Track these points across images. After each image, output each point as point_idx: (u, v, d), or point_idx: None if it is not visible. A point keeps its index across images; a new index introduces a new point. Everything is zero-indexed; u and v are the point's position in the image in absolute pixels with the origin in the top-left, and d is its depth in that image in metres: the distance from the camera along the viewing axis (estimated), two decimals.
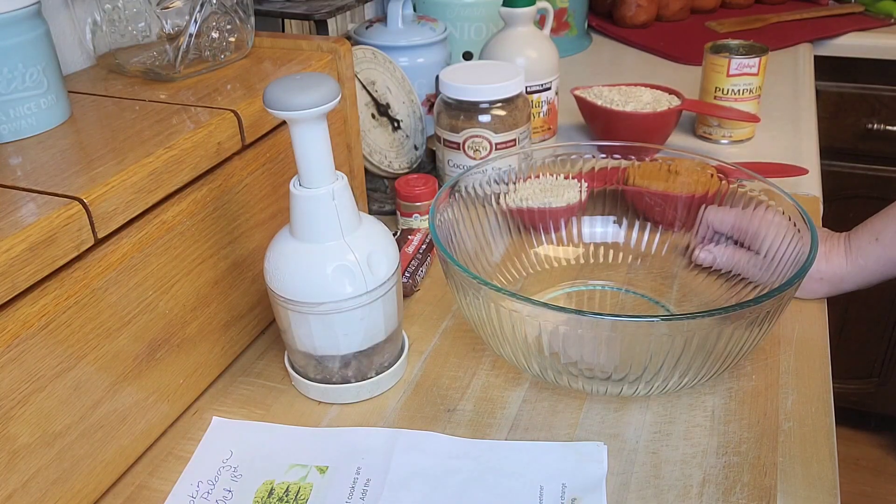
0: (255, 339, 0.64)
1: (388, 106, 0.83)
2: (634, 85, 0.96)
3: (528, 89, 0.91)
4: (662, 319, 0.48)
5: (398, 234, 0.74)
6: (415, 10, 1.00)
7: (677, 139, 0.97)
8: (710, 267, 0.65)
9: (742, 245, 0.63)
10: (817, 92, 1.15)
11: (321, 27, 0.84)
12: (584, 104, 0.94)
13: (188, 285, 0.54)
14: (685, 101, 0.91)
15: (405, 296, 0.68)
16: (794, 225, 0.57)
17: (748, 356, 0.59)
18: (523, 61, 0.89)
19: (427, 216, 0.72)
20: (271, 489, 0.50)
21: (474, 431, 0.54)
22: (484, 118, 0.76)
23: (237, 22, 0.66)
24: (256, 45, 0.70)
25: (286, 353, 0.59)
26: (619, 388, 0.53)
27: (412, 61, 0.91)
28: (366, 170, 0.79)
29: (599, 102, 0.92)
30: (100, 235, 0.46)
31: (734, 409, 0.55)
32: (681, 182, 0.67)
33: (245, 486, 0.51)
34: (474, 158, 0.77)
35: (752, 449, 0.52)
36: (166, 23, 0.63)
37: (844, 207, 1.38)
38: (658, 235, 0.69)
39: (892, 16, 1.34)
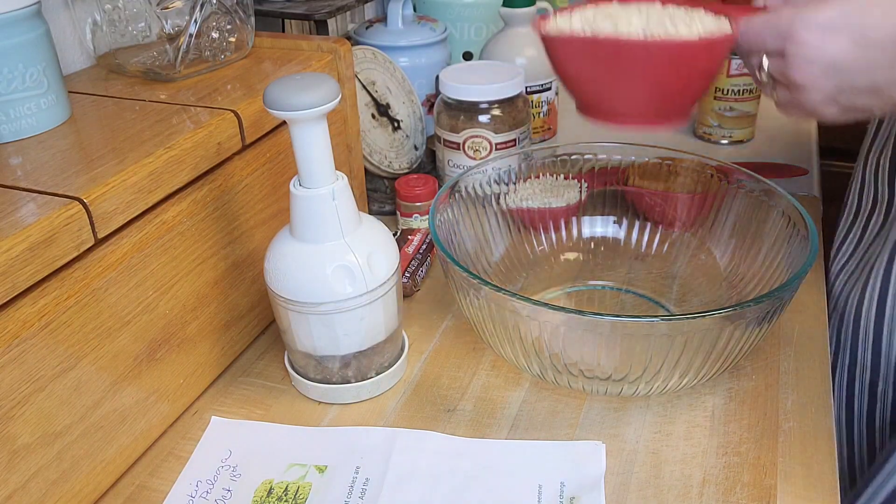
0: (255, 339, 0.64)
1: (388, 106, 0.83)
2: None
3: (528, 89, 0.91)
4: (662, 319, 0.48)
5: (398, 234, 0.74)
6: (415, 10, 1.00)
7: (677, 139, 0.97)
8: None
9: None
10: None
11: (321, 27, 0.84)
12: (564, 47, 0.50)
13: (188, 285, 0.54)
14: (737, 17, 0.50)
15: (405, 296, 0.68)
16: (795, 225, 0.57)
17: (748, 356, 0.59)
18: (523, 61, 0.89)
19: (427, 216, 0.72)
20: (270, 488, 0.50)
21: (474, 431, 0.54)
22: (484, 118, 0.76)
23: (237, 22, 0.66)
24: (256, 45, 0.70)
25: (286, 353, 0.59)
26: (619, 389, 0.53)
27: (412, 61, 0.91)
28: (366, 170, 0.79)
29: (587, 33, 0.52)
30: (100, 235, 0.46)
31: (734, 409, 0.55)
32: (681, 182, 0.67)
33: (244, 485, 0.51)
34: (474, 158, 0.77)
35: (752, 449, 0.52)
36: (166, 23, 0.63)
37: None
38: (658, 235, 0.69)
39: None
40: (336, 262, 0.52)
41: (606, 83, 0.50)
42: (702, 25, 0.49)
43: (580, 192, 0.70)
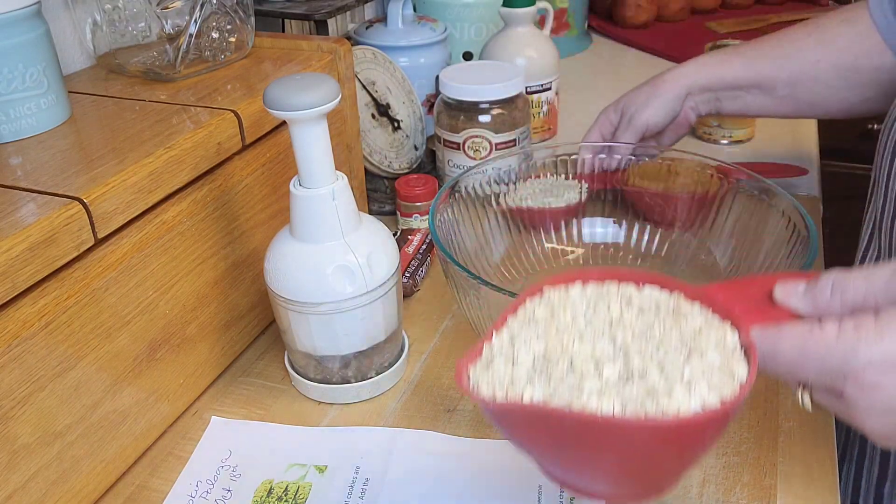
0: (255, 339, 0.64)
1: (388, 106, 0.83)
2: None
3: (528, 89, 0.91)
4: None
5: (398, 234, 0.74)
6: (415, 10, 1.00)
7: None
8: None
9: None
10: None
11: (321, 27, 0.84)
12: (503, 416, 0.35)
13: (188, 285, 0.54)
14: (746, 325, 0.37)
15: (405, 296, 0.68)
16: (795, 225, 0.57)
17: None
18: (523, 61, 0.89)
19: (427, 216, 0.72)
20: (270, 488, 0.50)
21: (474, 431, 0.54)
22: (484, 118, 0.76)
23: (237, 22, 0.66)
24: (256, 45, 0.70)
25: (286, 353, 0.59)
26: None
27: (412, 61, 0.91)
28: (366, 170, 0.79)
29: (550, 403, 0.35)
30: (100, 235, 0.46)
31: None
32: (681, 182, 0.67)
33: (244, 485, 0.51)
34: (474, 158, 0.77)
35: (752, 449, 0.52)
36: (166, 23, 0.63)
37: (844, 207, 1.38)
38: (658, 235, 0.69)
39: None
40: (336, 262, 0.52)
41: (567, 461, 0.35)
42: (702, 364, 0.34)
43: (580, 192, 0.70)
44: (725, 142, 0.95)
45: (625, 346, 0.35)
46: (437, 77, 0.80)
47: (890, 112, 0.62)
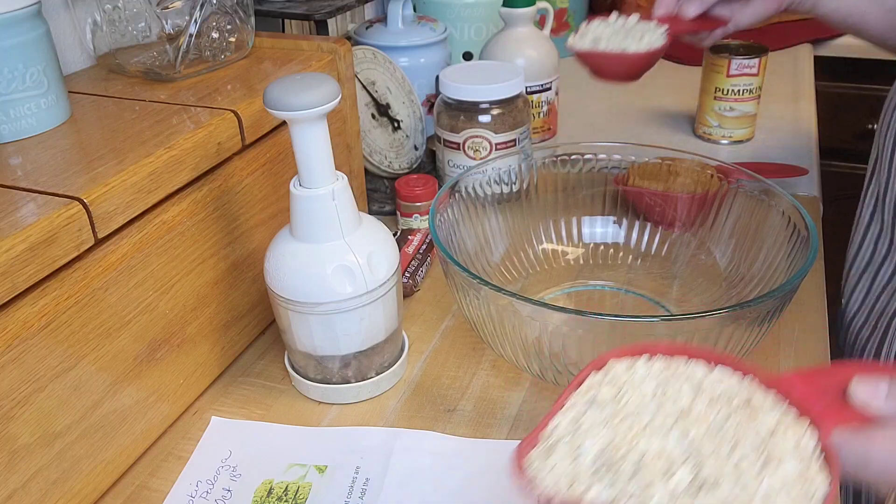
0: (255, 339, 0.64)
1: (388, 106, 0.83)
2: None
3: (528, 89, 0.91)
4: (662, 319, 0.48)
5: (398, 234, 0.74)
6: (415, 10, 1.00)
7: (677, 139, 0.97)
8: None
9: None
10: (817, 92, 1.15)
11: (321, 27, 0.84)
12: None
13: (188, 285, 0.54)
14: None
15: (405, 296, 0.68)
16: (795, 225, 0.57)
17: (748, 356, 0.59)
18: (523, 61, 0.90)
19: (427, 216, 0.72)
20: (270, 488, 0.50)
21: (474, 431, 0.54)
22: (484, 118, 0.76)
23: (237, 22, 0.66)
24: (256, 46, 0.70)
25: (286, 353, 0.59)
26: None
27: (412, 61, 0.91)
28: (366, 170, 0.79)
29: None
30: (100, 235, 0.46)
31: None
32: (681, 182, 0.67)
33: (244, 485, 0.51)
34: (474, 158, 0.77)
35: None
36: (166, 23, 0.63)
37: (844, 207, 1.38)
38: (658, 235, 0.69)
39: None
40: (336, 262, 0.52)
41: None
42: None
43: (663, 35, 0.61)
44: (725, 142, 0.95)
45: (696, 444, 0.33)
46: (437, 77, 0.80)
47: (893, 88, 0.61)
